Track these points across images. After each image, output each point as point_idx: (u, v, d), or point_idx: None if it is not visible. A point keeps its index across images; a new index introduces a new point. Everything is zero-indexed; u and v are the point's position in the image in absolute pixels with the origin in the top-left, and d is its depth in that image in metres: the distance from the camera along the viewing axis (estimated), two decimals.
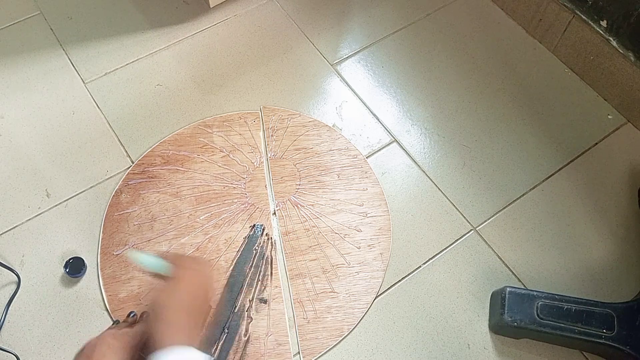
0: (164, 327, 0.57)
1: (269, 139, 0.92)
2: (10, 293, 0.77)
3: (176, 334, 0.56)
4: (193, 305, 0.60)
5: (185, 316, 0.59)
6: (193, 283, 0.62)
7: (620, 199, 0.88)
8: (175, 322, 0.57)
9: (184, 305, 0.59)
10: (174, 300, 0.59)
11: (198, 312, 0.61)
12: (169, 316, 0.58)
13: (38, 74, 0.98)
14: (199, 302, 0.61)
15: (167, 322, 0.57)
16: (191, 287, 0.61)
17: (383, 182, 0.89)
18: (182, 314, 0.59)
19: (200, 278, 0.63)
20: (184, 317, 0.59)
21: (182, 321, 0.58)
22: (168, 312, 0.58)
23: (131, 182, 0.86)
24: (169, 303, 0.59)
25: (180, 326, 0.58)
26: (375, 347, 0.75)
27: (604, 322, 0.71)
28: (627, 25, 0.89)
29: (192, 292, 0.61)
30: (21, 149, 0.90)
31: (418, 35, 1.06)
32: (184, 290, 0.60)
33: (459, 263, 0.82)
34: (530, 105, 0.97)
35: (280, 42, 1.04)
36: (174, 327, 0.57)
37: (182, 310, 0.59)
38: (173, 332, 0.56)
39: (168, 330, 0.56)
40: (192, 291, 0.61)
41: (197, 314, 0.61)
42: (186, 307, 0.59)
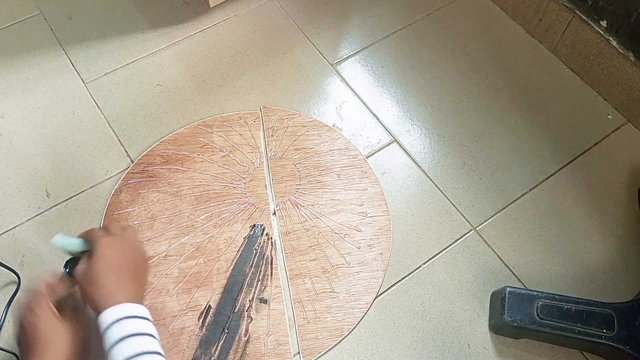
0: (99, 290, 0.59)
1: (269, 139, 0.92)
2: (10, 293, 0.77)
3: (111, 295, 0.59)
4: (118, 266, 0.62)
5: (114, 275, 0.61)
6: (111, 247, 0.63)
7: (620, 199, 0.88)
8: (108, 284, 0.59)
9: (107, 268, 0.61)
10: (97, 265, 0.61)
11: (127, 270, 0.62)
12: (101, 280, 0.60)
13: (38, 74, 0.98)
14: (124, 261, 0.63)
15: (101, 286, 0.59)
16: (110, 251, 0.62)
17: (383, 182, 0.89)
18: (110, 274, 0.60)
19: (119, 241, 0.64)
20: (113, 277, 0.60)
21: (112, 281, 0.60)
22: (100, 276, 0.60)
23: (131, 181, 0.86)
24: (94, 269, 0.60)
25: (114, 287, 0.60)
26: (375, 347, 0.75)
27: (604, 322, 0.71)
28: (627, 25, 0.89)
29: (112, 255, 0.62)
30: (21, 149, 0.90)
31: (418, 35, 1.06)
32: (103, 256, 0.62)
33: (459, 263, 0.82)
34: (530, 105, 0.97)
35: (280, 42, 1.04)
36: (108, 288, 0.59)
37: (108, 271, 0.61)
38: (107, 293, 0.59)
39: (101, 292, 0.59)
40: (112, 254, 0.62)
41: (126, 272, 0.62)
42: (110, 268, 0.61)
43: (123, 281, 0.61)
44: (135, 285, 0.62)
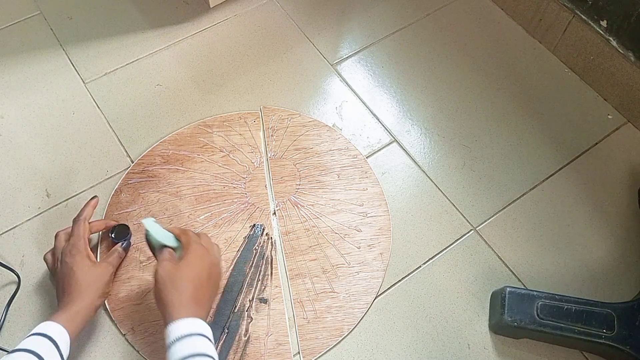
0: (178, 296, 0.60)
1: (269, 139, 0.92)
2: (10, 293, 0.77)
3: (186, 305, 0.60)
4: (202, 280, 0.64)
5: (194, 289, 0.62)
6: (202, 259, 0.65)
7: (620, 199, 0.88)
8: (185, 293, 0.61)
9: (194, 278, 0.63)
10: (186, 271, 0.63)
11: (207, 286, 0.64)
12: (184, 288, 0.61)
13: (38, 74, 0.98)
14: (208, 277, 0.65)
15: (181, 293, 0.61)
16: (200, 262, 0.65)
17: (383, 182, 0.89)
18: (191, 286, 0.62)
19: (209, 255, 0.67)
20: (196, 290, 0.62)
21: (191, 293, 0.61)
22: (184, 283, 0.61)
23: (131, 181, 0.86)
24: (182, 274, 0.62)
25: (191, 297, 0.61)
26: (375, 347, 0.75)
27: (604, 322, 0.71)
28: (627, 25, 0.89)
29: (201, 268, 0.64)
30: (21, 149, 0.90)
31: (418, 35, 1.06)
32: (194, 265, 0.64)
33: (459, 263, 0.82)
34: (530, 105, 0.97)
35: (280, 42, 1.04)
36: (187, 298, 0.60)
37: (191, 282, 0.62)
38: (184, 302, 0.60)
39: (179, 300, 0.60)
40: (201, 266, 0.65)
41: (206, 288, 0.64)
42: (196, 280, 0.63)
43: (202, 297, 0.63)
44: (209, 305, 0.65)
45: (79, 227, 0.73)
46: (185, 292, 0.61)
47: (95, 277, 0.69)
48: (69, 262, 0.69)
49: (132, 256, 0.80)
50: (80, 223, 0.73)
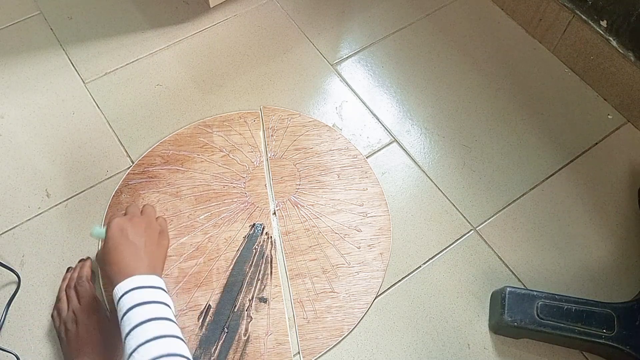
0: (110, 269, 0.63)
1: (269, 138, 0.92)
2: (10, 293, 0.77)
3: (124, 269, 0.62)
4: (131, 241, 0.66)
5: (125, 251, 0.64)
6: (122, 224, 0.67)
7: (620, 199, 0.88)
8: (116, 260, 0.63)
9: (119, 244, 0.65)
10: (108, 244, 0.65)
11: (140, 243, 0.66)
12: (112, 258, 0.64)
13: (38, 74, 0.98)
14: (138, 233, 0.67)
15: (112, 263, 0.63)
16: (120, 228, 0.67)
17: (383, 182, 0.89)
18: (120, 251, 0.64)
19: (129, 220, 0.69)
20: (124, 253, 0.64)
21: (123, 256, 0.64)
22: (110, 255, 0.64)
23: (131, 182, 0.86)
24: (105, 248, 0.65)
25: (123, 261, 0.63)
26: (375, 347, 0.75)
27: (604, 322, 0.71)
28: (627, 25, 0.89)
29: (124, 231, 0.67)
30: (21, 149, 0.90)
31: (418, 35, 1.06)
32: (115, 233, 0.66)
33: (459, 263, 0.82)
34: (530, 105, 0.97)
35: (280, 42, 1.04)
36: (120, 265, 0.63)
37: (118, 248, 0.65)
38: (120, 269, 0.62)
39: (115, 269, 0.63)
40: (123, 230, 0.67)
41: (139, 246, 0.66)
42: (122, 244, 0.65)
43: (135, 255, 0.65)
44: (148, 258, 0.66)
45: (86, 287, 0.73)
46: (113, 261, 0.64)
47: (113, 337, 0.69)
48: (86, 322, 0.69)
49: None
50: (85, 283, 0.74)
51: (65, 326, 0.70)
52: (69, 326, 0.70)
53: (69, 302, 0.73)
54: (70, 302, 0.72)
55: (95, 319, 0.69)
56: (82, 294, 0.72)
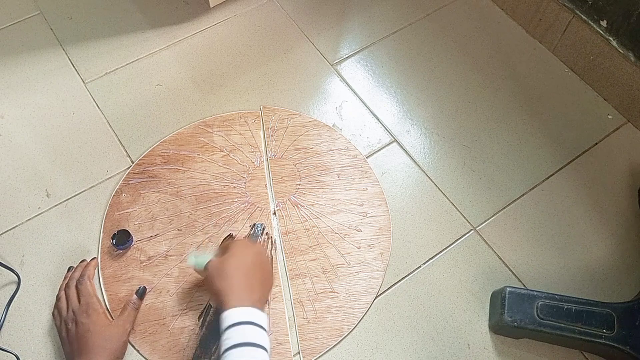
0: (228, 283, 0.64)
1: (269, 138, 0.92)
2: (10, 293, 0.77)
3: (237, 292, 0.63)
4: (248, 266, 0.67)
5: (243, 276, 0.65)
6: (244, 249, 0.69)
7: (620, 199, 0.88)
8: (233, 280, 0.64)
9: (239, 266, 0.66)
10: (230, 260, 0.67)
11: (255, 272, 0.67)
12: (232, 274, 0.65)
13: (38, 74, 0.98)
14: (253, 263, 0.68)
15: (230, 279, 0.64)
16: (243, 252, 0.69)
17: (383, 182, 0.89)
18: (238, 273, 0.65)
19: (251, 246, 0.71)
20: (243, 277, 0.65)
21: (239, 280, 0.65)
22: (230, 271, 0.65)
23: (132, 181, 0.86)
24: (227, 264, 0.66)
25: (240, 284, 0.64)
26: (375, 347, 0.75)
27: (604, 322, 0.71)
28: (627, 25, 0.89)
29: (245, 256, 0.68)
30: (21, 149, 0.90)
31: (418, 35, 1.06)
32: (237, 255, 0.68)
33: (459, 263, 0.82)
34: (530, 105, 0.97)
35: (280, 42, 1.04)
36: (237, 284, 0.64)
37: (237, 270, 0.66)
38: (234, 290, 0.64)
39: (230, 286, 0.64)
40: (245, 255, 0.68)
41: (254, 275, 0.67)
42: (242, 267, 0.66)
43: (251, 284, 0.65)
44: (260, 291, 0.67)
45: (87, 286, 0.73)
46: (233, 279, 0.64)
47: (113, 337, 0.69)
48: (85, 322, 0.69)
49: (132, 256, 0.80)
50: (87, 282, 0.74)
51: (66, 326, 0.70)
52: (69, 326, 0.70)
53: (69, 301, 0.72)
54: (69, 301, 0.72)
55: (95, 318, 0.69)
56: (83, 293, 0.72)
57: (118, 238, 0.79)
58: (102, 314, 0.70)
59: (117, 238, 0.79)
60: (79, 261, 0.79)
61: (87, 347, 0.66)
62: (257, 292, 0.66)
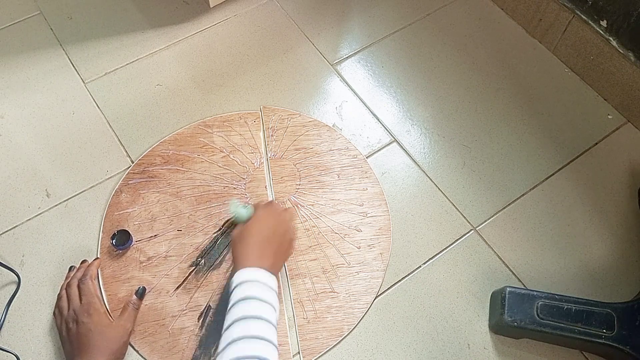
0: (244, 249, 0.67)
1: (269, 139, 0.92)
2: (10, 293, 0.77)
3: (252, 256, 0.66)
4: (265, 233, 0.70)
5: (261, 241, 0.68)
6: (267, 216, 0.72)
7: (620, 199, 0.88)
8: (252, 246, 0.68)
9: (257, 232, 0.69)
10: (251, 226, 0.70)
11: (272, 239, 0.70)
12: (249, 241, 0.68)
13: (38, 74, 0.98)
14: (273, 231, 0.70)
15: (247, 245, 0.67)
16: (265, 218, 0.71)
17: (383, 182, 0.89)
18: (258, 239, 0.69)
19: (275, 214, 0.73)
20: (260, 242, 0.68)
21: (255, 244, 0.68)
22: (249, 238, 0.68)
23: (131, 181, 0.86)
24: (247, 229, 0.70)
25: (257, 250, 0.67)
26: (375, 347, 0.75)
27: (604, 322, 0.71)
28: (627, 25, 0.89)
29: (266, 223, 0.71)
30: (21, 149, 0.90)
31: (418, 35, 1.06)
32: (261, 219, 0.71)
33: (459, 263, 0.82)
34: (530, 105, 0.97)
35: (280, 42, 1.04)
36: (252, 250, 0.67)
37: (258, 235, 0.69)
38: (250, 254, 0.67)
39: (246, 252, 0.67)
40: (266, 222, 0.71)
41: (271, 241, 0.70)
42: (260, 233, 0.69)
43: (266, 249, 0.68)
44: (275, 258, 0.69)
45: (89, 286, 0.73)
46: (249, 246, 0.67)
47: (113, 337, 0.69)
48: (86, 322, 0.68)
49: (132, 256, 0.80)
50: (89, 282, 0.73)
51: (67, 325, 0.70)
52: (70, 325, 0.70)
53: (70, 300, 0.72)
54: (71, 301, 0.72)
55: (96, 318, 0.69)
56: (85, 293, 0.72)
57: (118, 238, 0.79)
58: (103, 313, 0.70)
59: (117, 238, 0.79)
60: (79, 261, 0.79)
61: (88, 346, 0.66)
62: (271, 258, 0.68)
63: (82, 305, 0.71)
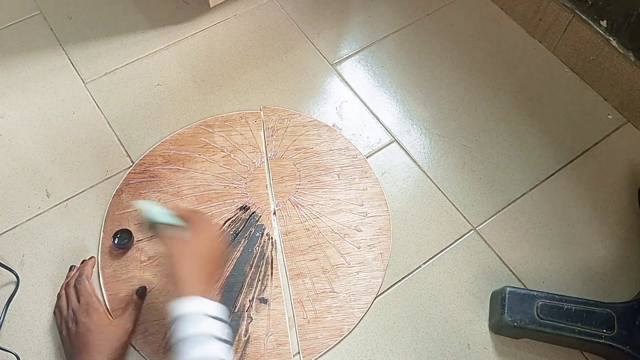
0: (180, 274, 0.61)
1: (269, 138, 0.92)
2: (10, 293, 0.77)
3: (192, 283, 0.60)
4: (207, 258, 0.64)
5: (200, 267, 0.62)
6: (206, 237, 0.65)
7: (620, 199, 0.88)
8: (191, 271, 0.61)
9: (199, 257, 0.63)
10: (189, 250, 0.63)
11: (212, 265, 0.64)
12: (185, 265, 0.61)
13: (38, 74, 0.98)
14: (213, 255, 0.65)
15: (184, 270, 0.61)
16: (205, 241, 0.65)
17: (383, 182, 0.89)
18: (197, 265, 0.62)
19: (211, 233, 0.66)
20: (199, 268, 0.62)
21: (197, 271, 0.62)
22: (184, 261, 0.62)
23: (132, 181, 0.86)
24: (185, 253, 0.63)
25: (196, 276, 0.61)
26: (375, 347, 0.75)
27: (604, 322, 0.71)
28: (627, 25, 0.89)
29: (206, 246, 0.65)
30: (21, 149, 0.90)
31: (418, 35, 1.06)
32: (199, 243, 0.64)
33: (459, 263, 0.82)
34: (530, 105, 0.97)
35: (280, 42, 1.04)
36: (190, 276, 0.61)
37: (197, 261, 0.62)
38: (189, 280, 0.60)
39: (184, 278, 0.60)
40: (206, 245, 0.65)
41: (212, 267, 0.64)
42: (201, 258, 0.63)
43: (205, 274, 0.62)
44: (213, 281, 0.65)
45: (86, 285, 0.73)
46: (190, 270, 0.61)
47: (113, 337, 0.69)
48: (85, 321, 0.68)
49: (132, 256, 0.80)
50: (85, 281, 0.73)
51: (66, 325, 0.70)
52: (69, 325, 0.70)
53: (69, 300, 0.72)
54: (69, 300, 0.72)
55: (95, 318, 0.69)
56: (82, 293, 0.72)
57: (120, 237, 0.79)
58: (102, 313, 0.70)
59: (119, 237, 0.79)
60: (79, 261, 0.79)
61: (87, 346, 0.66)
62: (212, 282, 0.64)
63: (81, 305, 0.71)
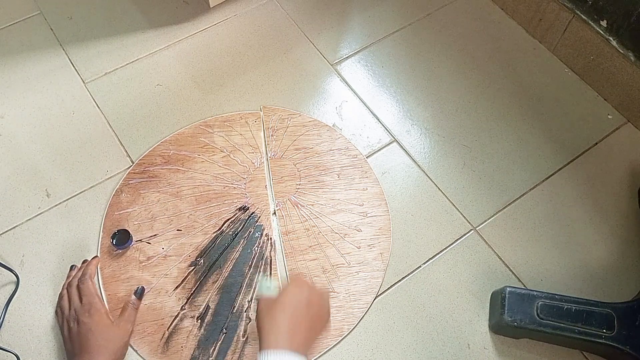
0: (272, 326, 0.59)
1: (269, 138, 0.92)
2: (10, 293, 0.77)
3: (281, 335, 0.58)
4: (298, 309, 0.61)
5: (290, 317, 0.60)
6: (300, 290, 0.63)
7: (620, 199, 0.88)
8: (278, 320, 0.59)
9: (292, 307, 0.60)
10: (281, 299, 0.61)
11: (305, 316, 0.61)
12: (278, 316, 0.59)
13: (38, 74, 0.98)
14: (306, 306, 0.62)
15: (275, 321, 0.59)
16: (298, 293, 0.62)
17: (383, 182, 0.89)
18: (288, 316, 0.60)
19: (309, 288, 0.64)
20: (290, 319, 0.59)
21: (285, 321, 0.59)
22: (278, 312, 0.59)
23: (132, 181, 0.86)
24: (278, 303, 0.61)
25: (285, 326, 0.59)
26: (375, 347, 0.75)
27: (604, 322, 0.71)
28: (627, 25, 0.89)
29: (299, 298, 0.62)
30: (21, 149, 0.90)
31: (418, 35, 1.06)
32: (293, 293, 0.62)
33: (459, 263, 0.82)
34: (530, 105, 0.97)
35: (280, 42, 1.04)
36: (281, 328, 0.58)
37: (288, 311, 0.60)
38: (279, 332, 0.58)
39: (274, 329, 0.58)
40: (299, 297, 0.62)
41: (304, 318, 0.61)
42: (291, 308, 0.60)
43: (297, 328, 0.60)
44: (306, 336, 0.61)
45: (89, 285, 0.73)
46: (278, 319, 0.59)
47: (114, 338, 0.69)
48: (87, 322, 0.68)
49: (132, 256, 0.80)
50: (88, 281, 0.73)
51: (68, 324, 0.70)
52: (71, 325, 0.70)
53: (70, 300, 0.72)
54: (71, 300, 0.72)
55: (97, 318, 0.69)
56: (85, 293, 0.72)
57: (118, 238, 0.79)
58: (104, 314, 0.70)
59: (117, 238, 0.79)
60: (79, 261, 0.79)
61: (89, 346, 0.66)
62: (302, 338, 0.59)
63: (83, 305, 0.71)
